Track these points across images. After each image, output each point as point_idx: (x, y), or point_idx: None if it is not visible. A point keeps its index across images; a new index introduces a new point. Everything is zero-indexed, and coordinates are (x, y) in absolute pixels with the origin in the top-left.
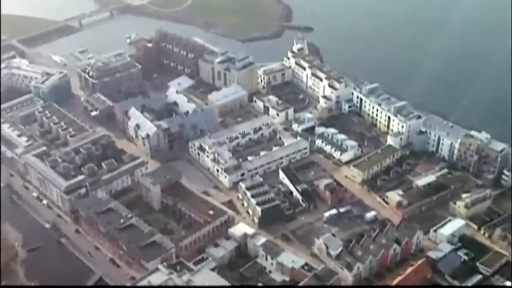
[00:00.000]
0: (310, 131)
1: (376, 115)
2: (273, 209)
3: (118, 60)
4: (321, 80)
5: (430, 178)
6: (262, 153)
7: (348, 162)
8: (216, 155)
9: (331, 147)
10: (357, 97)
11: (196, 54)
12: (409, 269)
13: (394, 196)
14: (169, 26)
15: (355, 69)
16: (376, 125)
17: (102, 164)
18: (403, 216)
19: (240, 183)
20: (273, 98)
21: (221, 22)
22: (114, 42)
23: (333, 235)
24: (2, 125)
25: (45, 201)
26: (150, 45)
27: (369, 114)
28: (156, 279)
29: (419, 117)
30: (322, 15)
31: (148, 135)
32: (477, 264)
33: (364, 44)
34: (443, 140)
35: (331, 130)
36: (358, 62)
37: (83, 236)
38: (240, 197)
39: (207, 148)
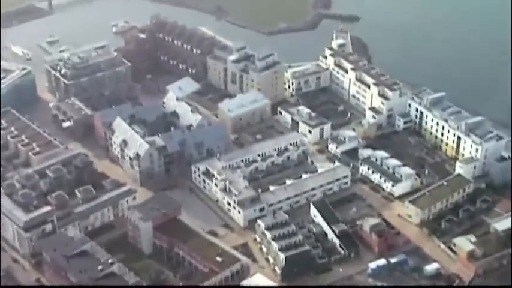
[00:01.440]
0: (352, 154)
1: (442, 134)
2: (301, 256)
3: (100, 55)
4: (368, 86)
5: None
6: (288, 182)
7: (402, 197)
8: (227, 183)
9: (379, 176)
10: (416, 110)
11: (204, 49)
12: None
13: (465, 243)
14: (170, 11)
15: (413, 73)
16: (441, 148)
17: (76, 191)
18: (477, 271)
19: (258, 221)
20: (304, 110)
21: (238, 8)
22: (95, 31)
23: None
24: None
25: None
26: (143, 36)
27: (431, 133)
28: None
29: (500, 138)
30: (371, 1)
31: (138, 155)
32: None
33: (426, 41)
34: None
35: (381, 153)
36: (417, 64)
37: None
38: (258, 239)
39: (215, 174)
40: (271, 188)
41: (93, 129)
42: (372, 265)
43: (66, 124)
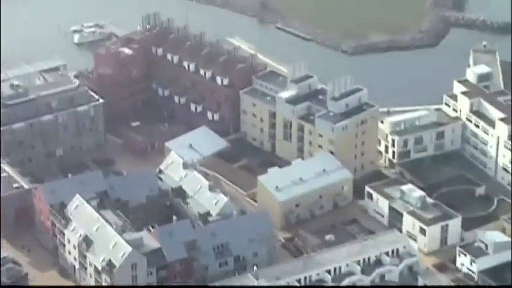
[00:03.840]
0: (502, 274)
1: None
2: None
3: (50, 83)
4: None
5: None
6: None
7: None
8: None
9: None
10: None
11: (236, 78)
12: None
13: None
14: (178, 9)
15: None
16: None
17: None
18: None
19: None
20: (414, 192)
21: (298, 7)
22: (43, 40)
23: None
24: None
25: None
26: (128, 52)
27: None
28: None
29: None
30: None
31: (110, 265)
32: None
33: None
34: None
35: None
36: None
37: None
38: None
39: None
40: None
41: (33, 215)
42: None
43: None
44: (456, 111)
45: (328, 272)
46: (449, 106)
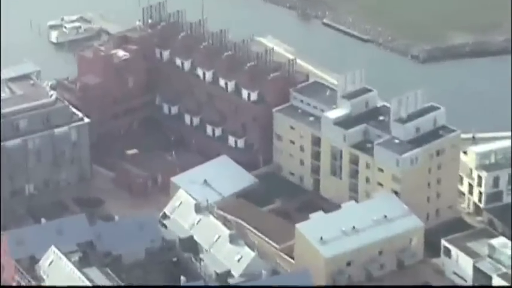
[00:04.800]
0: None
1: None
2: None
3: (18, 95)
4: None
5: None
6: None
7: None
8: None
9: None
10: None
11: (266, 91)
12: None
13: None
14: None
15: None
16: None
17: None
18: None
19: None
20: (507, 246)
21: None
22: (9, 39)
23: None
24: None
25: None
26: (123, 55)
27: None
28: None
29: None
30: None
31: None
32: None
33: None
34: None
35: None
36: None
37: None
38: None
39: None
40: None
41: None
42: None
43: None
44: None
45: None
46: None
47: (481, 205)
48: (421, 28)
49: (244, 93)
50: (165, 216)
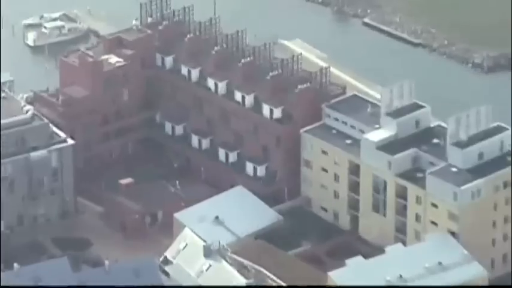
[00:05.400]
0: None
1: None
2: None
3: None
4: None
5: None
6: None
7: None
8: None
9: None
10: None
11: (294, 106)
12: None
13: None
14: None
15: None
16: None
17: None
18: None
19: None
20: None
21: None
22: None
23: None
24: None
25: None
26: (116, 62)
27: None
28: None
29: None
30: None
31: None
32: None
33: None
34: None
35: None
36: None
37: None
38: None
39: None
40: None
41: None
42: None
43: None
44: None
45: None
46: None
47: None
48: (485, 30)
49: (266, 109)
50: (166, 261)
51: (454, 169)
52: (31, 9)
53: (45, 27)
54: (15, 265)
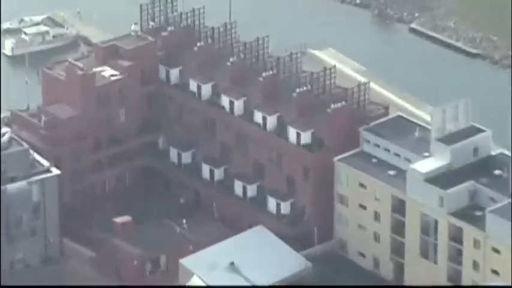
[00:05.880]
0: None
1: None
2: None
3: None
4: None
5: None
6: None
7: None
8: None
9: None
10: None
11: (326, 129)
12: None
13: None
14: None
15: None
16: None
17: None
18: None
19: None
20: None
21: None
22: None
23: None
24: None
25: None
26: (110, 75)
27: None
28: None
29: None
30: None
31: None
32: None
33: None
34: None
35: None
36: None
37: None
38: None
39: None
40: None
41: None
42: None
43: None
44: None
45: None
46: None
47: None
48: None
49: (292, 133)
50: None
51: None
52: (8, 11)
53: (25, 33)
54: None
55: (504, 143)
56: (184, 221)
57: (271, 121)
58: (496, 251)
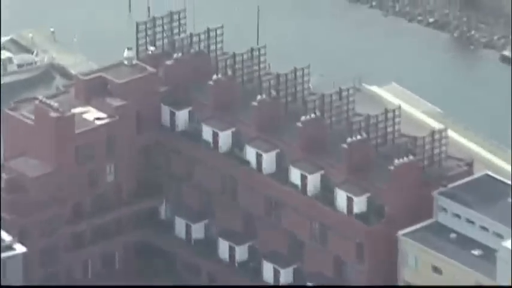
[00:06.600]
0: None
1: None
2: None
3: None
4: None
5: None
6: None
7: None
8: None
9: None
10: None
11: (388, 194)
12: None
13: None
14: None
15: None
16: None
17: None
18: None
19: None
20: None
21: None
22: None
23: None
24: None
25: None
26: (93, 119)
27: None
28: None
29: None
30: None
31: None
32: None
33: None
34: None
35: None
36: None
37: None
38: None
39: None
40: None
41: None
42: None
43: None
44: None
45: None
46: None
47: None
48: None
49: (341, 197)
50: None
51: None
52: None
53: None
54: None
55: None
56: None
57: (313, 182)
58: None
